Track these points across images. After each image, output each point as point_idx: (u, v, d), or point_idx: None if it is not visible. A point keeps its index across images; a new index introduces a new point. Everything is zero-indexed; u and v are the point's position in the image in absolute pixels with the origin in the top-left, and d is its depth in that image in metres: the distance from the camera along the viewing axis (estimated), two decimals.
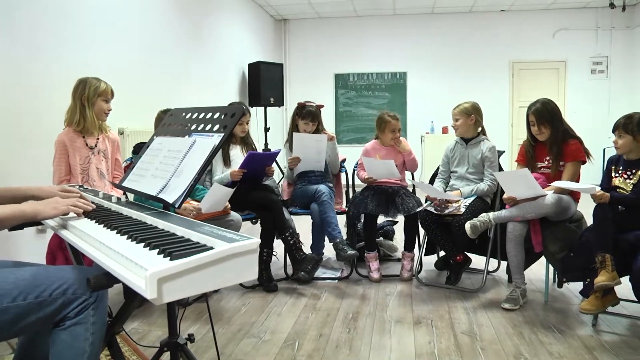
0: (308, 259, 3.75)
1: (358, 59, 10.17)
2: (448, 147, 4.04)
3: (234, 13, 7.78)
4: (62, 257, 3.09)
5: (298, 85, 10.28)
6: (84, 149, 3.23)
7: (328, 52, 10.24)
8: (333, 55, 10.22)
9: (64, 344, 1.47)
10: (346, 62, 10.20)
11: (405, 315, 3.25)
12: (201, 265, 1.12)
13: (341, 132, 10.09)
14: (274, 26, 10.03)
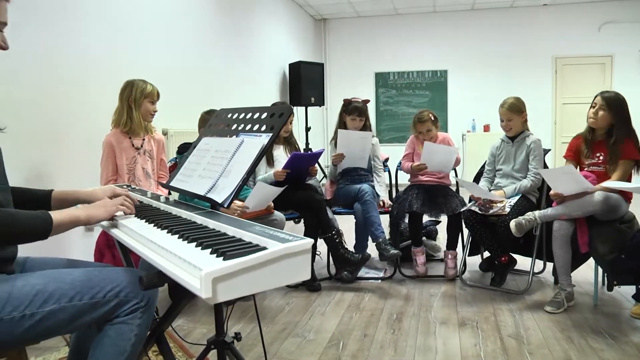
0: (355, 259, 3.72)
1: (398, 57, 10.08)
2: (494, 146, 3.97)
3: (274, 14, 7.82)
4: (109, 255, 3.16)
5: (338, 84, 10.26)
6: (130, 150, 3.29)
7: (368, 51, 10.19)
8: (373, 54, 10.16)
9: (109, 340, 1.51)
10: (386, 61, 10.13)
11: (450, 316, 3.21)
12: (255, 266, 1.12)
13: (382, 131, 10.03)
14: (313, 26, 10.04)
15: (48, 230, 1.46)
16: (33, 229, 1.43)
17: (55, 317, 1.43)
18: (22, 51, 1.57)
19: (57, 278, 1.49)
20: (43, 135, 3.29)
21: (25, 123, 2.92)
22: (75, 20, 3.60)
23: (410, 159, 4.19)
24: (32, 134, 3.17)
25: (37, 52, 3.22)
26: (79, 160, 3.55)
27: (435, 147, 3.97)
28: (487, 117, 9.36)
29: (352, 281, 3.82)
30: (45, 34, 3.30)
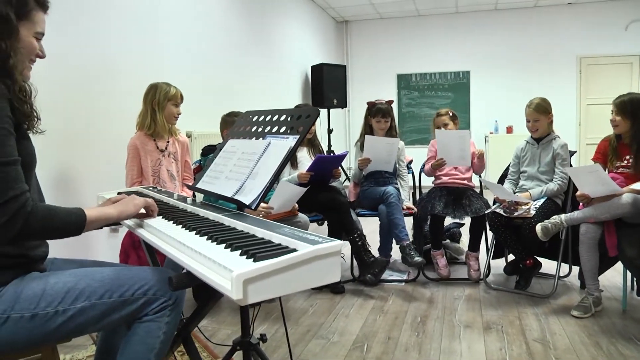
0: (377, 262, 3.72)
1: (420, 58, 10.03)
2: (518, 147, 3.93)
3: (296, 16, 7.84)
4: (134, 256, 3.19)
5: (360, 86, 10.24)
6: (155, 152, 3.33)
7: (390, 52, 10.15)
8: (395, 56, 10.13)
9: (138, 337, 1.55)
10: (408, 62, 10.08)
11: (474, 319, 3.18)
12: (285, 268, 1.12)
13: (404, 133, 9.97)
14: (335, 28, 10.04)
15: (82, 225, 1.49)
16: (69, 224, 1.46)
17: (86, 314, 1.47)
18: (48, 55, 1.61)
19: (87, 276, 1.53)
20: (70, 138, 3.33)
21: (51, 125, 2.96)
22: (99, 24, 3.64)
23: (432, 161, 4.17)
24: (59, 136, 3.22)
25: (63, 56, 3.27)
26: (104, 162, 3.59)
27: (447, 134, 3.98)
28: (510, 118, 9.27)
29: (376, 284, 3.81)
30: (70, 38, 3.35)
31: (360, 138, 4.22)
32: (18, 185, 1.36)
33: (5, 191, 1.33)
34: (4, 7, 1.44)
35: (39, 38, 1.58)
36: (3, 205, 1.32)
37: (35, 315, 1.42)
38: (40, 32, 1.57)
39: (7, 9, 1.45)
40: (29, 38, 1.53)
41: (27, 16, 1.52)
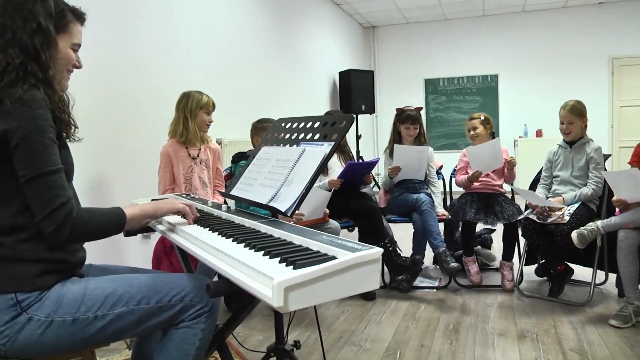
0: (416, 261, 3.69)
1: (448, 63, 9.94)
2: (551, 152, 3.85)
3: (323, 23, 7.86)
4: (166, 262, 3.22)
5: (388, 91, 10.20)
6: (187, 159, 3.35)
7: (417, 57, 10.09)
8: (422, 60, 10.06)
9: (174, 343, 1.58)
10: (436, 67, 10.01)
11: (508, 328, 3.12)
12: (325, 275, 1.12)
13: (432, 138, 9.90)
14: (362, 34, 10.04)
15: (123, 224, 1.55)
16: (110, 224, 1.52)
17: (123, 319, 1.50)
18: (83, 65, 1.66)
19: (125, 282, 1.56)
20: (102, 146, 3.38)
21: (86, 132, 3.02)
22: (131, 34, 3.70)
23: (464, 172, 4.14)
24: (92, 145, 3.26)
25: (96, 66, 3.32)
26: (136, 169, 3.64)
27: (476, 149, 3.95)
28: (540, 122, 9.13)
29: (408, 290, 3.78)
30: (103, 48, 3.40)
31: (390, 145, 4.20)
32: (64, 193, 1.41)
33: (53, 199, 1.39)
34: (45, 21, 1.49)
35: (76, 49, 1.63)
36: (52, 213, 1.38)
37: (76, 319, 1.45)
38: (77, 43, 1.62)
39: (47, 22, 1.50)
40: (66, 49, 1.58)
41: (65, 28, 1.57)
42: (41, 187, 1.38)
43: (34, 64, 1.47)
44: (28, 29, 1.47)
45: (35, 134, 1.38)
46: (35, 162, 1.38)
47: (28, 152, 1.38)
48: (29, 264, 1.45)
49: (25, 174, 1.38)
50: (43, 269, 1.48)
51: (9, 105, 1.38)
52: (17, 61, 1.44)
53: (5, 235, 1.45)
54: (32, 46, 1.47)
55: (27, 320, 1.42)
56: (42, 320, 1.43)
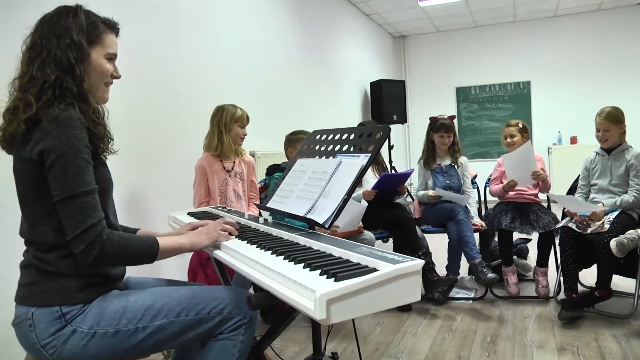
0: (441, 281, 3.66)
1: (479, 70, 9.83)
2: (587, 159, 3.77)
3: (354, 34, 7.89)
4: (202, 274, 3.24)
5: (419, 101, 10.14)
6: (221, 172, 3.38)
7: (448, 65, 10.02)
8: (453, 69, 9.98)
9: (213, 355, 1.59)
10: (467, 75, 9.91)
11: (547, 340, 3.05)
12: (367, 287, 1.12)
13: (464, 147, 9.75)
14: (392, 43, 10.03)
15: (154, 255, 1.55)
16: (142, 253, 1.53)
17: (163, 331, 1.53)
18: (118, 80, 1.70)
19: (165, 294, 1.59)
20: (139, 158, 3.44)
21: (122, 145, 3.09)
22: (165, 48, 3.76)
23: (498, 181, 4.09)
24: (129, 156, 3.32)
25: (132, 80, 3.38)
26: (171, 181, 3.68)
27: (511, 156, 3.91)
28: (574, 128, 8.95)
29: (444, 302, 3.74)
30: (138, 62, 3.46)
31: (423, 155, 4.19)
32: (96, 214, 1.43)
33: (84, 220, 1.40)
34: (77, 35, 1.53)
35: (111, 59, 1.65)
36: (82, 234, 1.40)
37: (117, 331, 1.48)
38: (112, 53, 1.64)
39: (79, 36, 1.53)
40: (100, 60, 1.60)
41: (98, 39, 1.59)
42: (73, 207, 1.40)
43: (69, 78, 1.50)
44: (62, 45, 1.50)
45: (69, 154, 1.41)
46: (68, 183, 1.40)
47: (62, 172, 1.40)
48: (72, 278, 1.49)
49: (59, 194, 1.41)
50: (85, 283, 1.51)
51: (46, 125, 1.41)
52: (52, 77, 1.47)
53: (47, 252, 1.50)
54: (67, 61, 1.50)
55: (72, 332, 1.46)
56: (86, 332, 1.46)
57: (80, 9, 1.58)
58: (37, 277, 1.49)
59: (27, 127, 1.45)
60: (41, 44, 1.51)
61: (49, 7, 1.60)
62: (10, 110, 1.51)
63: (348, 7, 7.70)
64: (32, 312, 1.47)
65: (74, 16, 1.55)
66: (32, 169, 1.45)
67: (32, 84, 1.48)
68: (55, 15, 1.55)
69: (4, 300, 1.90)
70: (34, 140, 1.43)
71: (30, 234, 1.53)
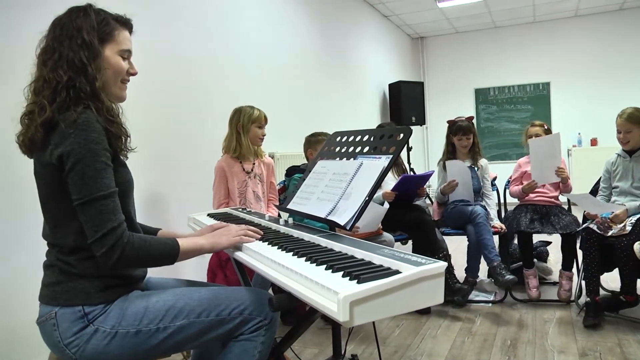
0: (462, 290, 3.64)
1: (498, 71, 9.77)
2: (609, 162, 3.71)
3: (372, 36, 7.89)
4: (221, 275, 3.25)
5: (438, 102, 10.09)
6: (241, 174, 3.39)
7: (466, 66, 9.97)
8: (472, 70, 9.93)
9: (233, 355, 1.59)
10: (486, 76, 9.85)
11: (568, 345, 3.00)
12: (390, 289, 1.12)
13: (483, 148, 9.68)
14: (411, 45, 10.01)
15: (175, 257, 1.56)
16: (162, 255, 1.53)
17: (184, 331, 1.54)
18: (138, 79, 1.71)
19: (186, 295, 1.60)
20: (158, 159, 3.47)
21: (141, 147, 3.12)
22: (185, 48, 3.80)
23: (518, 182, 4.05)
24: (148, 157, 3.35)
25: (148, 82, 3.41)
26: (190, 183, 3.71)
27: (540, 142, 3.84)
28: (595, 130, 8.86)
29: (463, 305, 3.72)
30: (158, 62, 3.50)
31: (443, 157, 4.17)
32: (115, 217, 1.44)
33: (104, 223, 1.41)
34: (88, 34, 1.53)
35: (125, 56, 1.65)
36: (102, 238, 1.41)
37: (139, 331, 1.49)
38: (126, 49, 1.64)
39: (90, 34, 1.53)
40: (114, 58, 1.60)
41: (110, 37, 1.59)
42: (93, 211, 1.41)
43: (82, 78, 1.50)
44: (74, 46, 1.50)
45: (87, 158, 1.41)
46: (87, 187, 1.41)
47: (80, 176, 1.41)
48: (94, 279, 1.51)
49: (78, 197, 1.42)
50: (107, 283, 1.53)
51: (64, 129, 1.42)
52: (65, 78, 1.48)
53: (69, 254, 1.51)
54: (79, 61, 1.50)
55: (94, 331, 1.47)
56: (108, 331, 1.48)
57: (90, 8, 1.58)
58: (60, 277, 1.51)
59: (44, 131, 1.46)
60: (53, 46, 1.52)
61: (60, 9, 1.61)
62: (27, 114, 1.52)
63: (366, 8, 7.70)
64: (55, 312, 1.49)
65: (84, 15, 1.55)
66: (52, 172, 1.46)
67: (45, 86, 1.49)
68: (66, 16, 1.56)
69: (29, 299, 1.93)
70: (52, 144, 1.44)
71: (52, 236, 1.55)
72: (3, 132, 2.39)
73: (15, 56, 2.46)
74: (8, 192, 2.45)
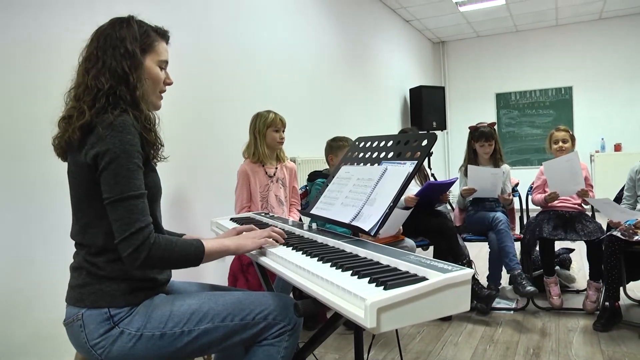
0: (489, 297, 3.61)
1: (519, 76, 9.64)
2: (633, 169, 3.65)
3: (393, 40, 7.87)
4: (242, 279, 3.27)
5: (459, 107, 10.03)
6: (264, 177, 3.41)
7: (488, 71, 9.87)
8: (493, 74, 9.83)
9: None
10: (507, 81, 9.74)
11: (593, 355, 2.94)
12: (417, 296, 1.11)
13: (505, 154, 9.59)
14: (432, 49, 9.97)
15: (201, 257, 1.57)
16: (188, 256, 1.55)
17: (208, 335, 1.55)
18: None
19: (211, 299, 1.61)
20: (181, 164, 3.48)
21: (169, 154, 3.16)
22: (208, 55, 3.82)
23: (541, 190, 4.01)
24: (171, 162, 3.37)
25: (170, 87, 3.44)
26: (212, 187, 3.73)
27: (553, 164, 3.82)
28: (619, 135, 8.71)
29: (487, 312, 3.69)
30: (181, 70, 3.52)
31: (464, 163, 4.13)
32: (144, 218, 1.46)
33: (132, 223, 1.43)
34: (131, 45, 1.57)
35: (163, 67, 1.70)
36: (130, 237, 1.43)
37: (164, 334, 1.51)
38: (164, 60, 1.69)
39: (133, 45, 1.58)
40: (154, 68, 1.65)
41: (150, 48, 1.64)
42: (122, 210, 1.43)
43: (123, 87, 1.54)
44: (117, 55, 1.55)
45: (122, 158, 1.44)
46: (119, 186, 1.44)
47: (113, 175, 1.44)
48: (120, 282, 1.53)
49: (109, 196, 1.44)
50: (133, 286, 1.55)
51: (101, 131, 1.45)
52: (106, 86, 1.52)
53: (96, 256, 1.54)
54: (122, 70, 1.54)
55: (119, 333, 1.49)
56: (133, 334, 1.50)
57: (133, 20, 1.63)
58: (87, 279, 1.53)
59: (81, 134, 1.49)
60: (97, 54, 1.56)
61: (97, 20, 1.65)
62: (65, 118, 1.56)
63: (388, 13, 7.70)
64: (82, 313, 1.51)
65: (127, 26, 1.60)
66: (86, 172, 1.49)
67: (86, 93, 1.53)
68: (109, 26, 1.60)
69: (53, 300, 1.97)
70: (88, 145, 1.47)
71: (81, 236, 1.57)
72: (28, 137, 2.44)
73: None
74: (33, 193, 2.49)
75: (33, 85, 2.50)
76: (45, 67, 2.55)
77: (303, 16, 5.22)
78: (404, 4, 7.66)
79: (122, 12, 1.68)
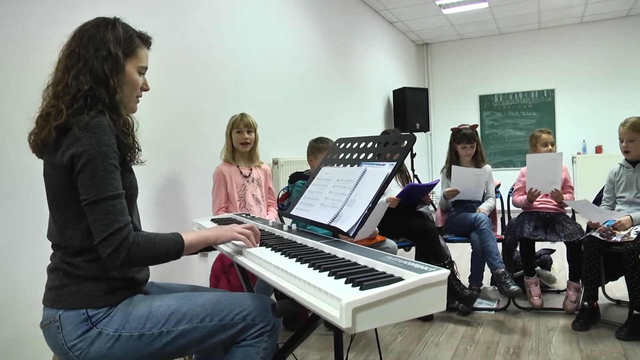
0: (471, 297, 3.63)
1: (503, 78, 9.73)
2: (612, 171, 3.70)
3: (377, 42, 7.89)
4: (224, 280, 3.26)
5: (442, 109, 10.09)
6: (239, 178, 3.44)
7: (471, 73, 9.94)
8: (476, 77, 9.90)
9: None
10: (490, 83, 9.82)
11: (572, 354, 2.98)
12: (393, 296, 1.12)
13: (488, 155, 9.66)
14: (415, 51, 10.02)
15: (180, 251, 1.57)
16: (168, 250, 1.54)
17: (187, 336, 1.55)
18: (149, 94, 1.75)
19: (190, 300, 1.61)
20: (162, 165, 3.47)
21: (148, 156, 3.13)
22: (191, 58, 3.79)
23: (522, 192, 4.04)
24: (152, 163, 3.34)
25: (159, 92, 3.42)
26: (193, 188, 3.70)
27: (538, 157, 3.87)
28: (600, 137, 8.81)
29: (468, 313, 3.71)
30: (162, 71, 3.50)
31: (447, 165, 4.16)
32: (122, 218, 1.46)
33: (110, 224, 1.43)
34: (115, 47, 1.57)
35: (142, 72, 1.70)
36: (108, 237, 1.42)
37: (142, 335, 1.50)
38: (144, 66, 1.69)
39: (116, 48, 1.57)
40: (134, 74, 1.65)
41: (133, 53, 1.64)
42: (100, 211, 1.43)
43: (102, 89, 1.53)
44: (99, 57, 1.54)
45: (98, 159, 1.43)
46: (96, 187, 1.43)
47: (90, 176, 1.43)
48: (98, 282, 1.52)
49: (86, 197, 1.44)
50: (111, 286, 1.54)
51: (77, 132, 1.44)
52: (86, 87, 1.51)
53: (74, 256, 1.53)
54: (102, 72, 1.54)
55: (97, 334, 1.48)
56: (111, 334, 1.49)
57: (118, 22, 1.62)
58: (65, 280, 1.52)
59: (57, 134, 1.48)
60: (79, 53, 1.55)
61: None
62: (42, 116, 1.55)
63: (371, 14, 7.72)
64: (59, 315, 1.50)
65: (112, 29, 1.59)
66: (62, 173, 1.48)
67: (65, 92, 1.52)
68: (94, 26, 1.59)
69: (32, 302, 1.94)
70: (64, 146, 1.46)
71: (58, 237, 1.56)
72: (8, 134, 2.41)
73: None
74: (13, 193, 2.45)
75: (10, 81, 2.47)
76: (23, 64, 2.51)
77: (287, 18, 5.21)
78: (387, 6, 7.68)
79: (104, 9, 1.66)
